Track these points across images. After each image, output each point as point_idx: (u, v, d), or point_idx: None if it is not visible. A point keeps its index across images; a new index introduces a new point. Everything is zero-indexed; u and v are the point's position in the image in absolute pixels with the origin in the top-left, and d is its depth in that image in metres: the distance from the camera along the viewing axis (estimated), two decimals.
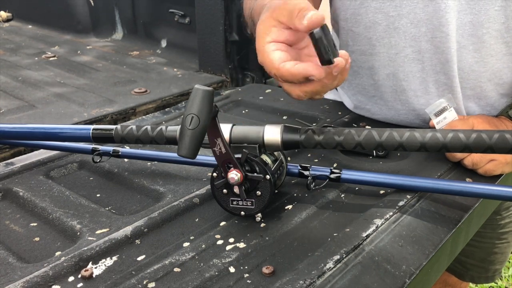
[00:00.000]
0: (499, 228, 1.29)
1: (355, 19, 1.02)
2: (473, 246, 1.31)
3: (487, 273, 1.38)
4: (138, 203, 0.86)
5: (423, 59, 0.98)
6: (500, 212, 1.26)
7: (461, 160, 0.89)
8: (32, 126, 0.94)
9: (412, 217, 0.76)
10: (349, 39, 1.06)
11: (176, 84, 1.48)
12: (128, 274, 0.66)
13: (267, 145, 0.78)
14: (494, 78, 0.98)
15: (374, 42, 1.02)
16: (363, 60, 1.06)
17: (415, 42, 0.97)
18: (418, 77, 1.00)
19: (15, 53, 1.85)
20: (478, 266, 1.38)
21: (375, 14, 0.99)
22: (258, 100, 1.28)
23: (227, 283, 0.63)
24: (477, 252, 1.34)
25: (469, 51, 0.95)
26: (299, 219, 0.77)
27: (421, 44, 0.97)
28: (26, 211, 0.84)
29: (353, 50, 1.06)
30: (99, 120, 1.24)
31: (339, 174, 0.82)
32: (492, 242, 1.32)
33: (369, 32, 1.01)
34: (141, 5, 1.90)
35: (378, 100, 1.09)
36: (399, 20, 0.97)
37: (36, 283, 0.65)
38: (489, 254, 1.34)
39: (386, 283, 0.64)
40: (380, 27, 0.99)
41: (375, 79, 1.06)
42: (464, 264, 1.38)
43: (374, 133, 0.75)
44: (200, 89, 0.66)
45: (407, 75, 1.01)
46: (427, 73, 0.99)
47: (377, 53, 1.02)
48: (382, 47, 1.01)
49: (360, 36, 1.03)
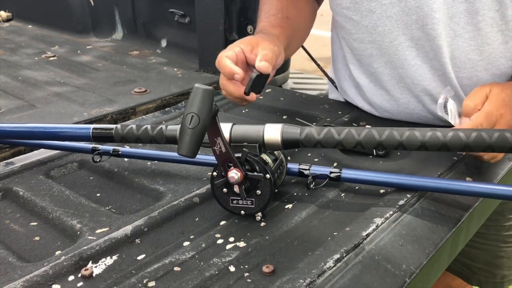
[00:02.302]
0: (503, 230, 1.28)
1: (354, 7, 1.04)
2: (477, 248, 1.30)
3: (495, 278, 1.37)
4: (138, 202, 0.85)
5: (416, 47, 1.00)
6: (504, 213, 1.25)
7: None
8: (32, 125, 0.94)
9: (412, 216, 0.76)
10: (351, 27, 1.08)
11: (176, 84, 1.48)
12: (128, 273, 0.66)
13: (267, 144, 0.78)
14: (491, 67, 0.98)
15: (370, 30, 1.04)
16: (363, 48, 1.08)
17: (408, 30, 0.99)
18: (413, 65, 1.01)
19: (15, 53, 1.85)
20: (484, 270, 1.36)
21: (370, 2, 1.01)
22: (258, 100, 1.28)
23: (227, 282, 0.63)
24: (482, 254, 1.33)
25: (465, 40, 0.96)
26: (299, 218, 0.77)
27: (413, 31, 0.99)
28: (26, 210, 0.84)
29: (355, 38, 1.08)
30: (99, 119, 1.24)
31: (339, 173, 0.82)
32: (497, 244, 1.31)
33: (365, 20, 1.03)
34: (141, 5, 1.90)
35: (379, 90, 1.10)
36: (391, 8, 0.99)
37: (36, 282, 0.65)
38: (494, 257, 1.33)
39: (386, 282, 0.64)
40: (375, 15, 1.02)
41: (374, 67, 1.08)
42: (470, 267, 1.37)
43: (374, 132, 0.75)
44: (200, 88, 0.66)
45: (402, 62, 1.02)
46: (422, 59, 1.01)
47: (374, 41, 1.05)
48: (378, 35, 1.03)
49: (359, 24, 1.05)
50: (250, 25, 1.47)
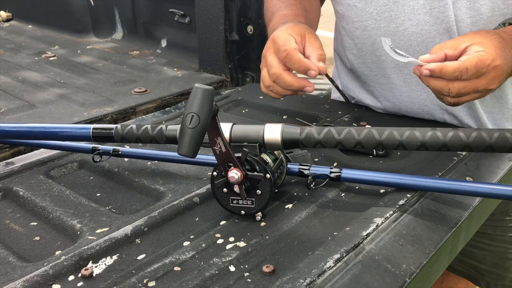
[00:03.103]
0: (510, 231, 1.27)
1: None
2: (484, 249, 1.29)
3: (503, 281, 1.34)
4: (138, 202, 0.85)
5: (421, 32, 1.00)
6: (509, 212, 1.24)
7: None
8: (32, 125, 0.94)
9: (412, 216, 0.76)
10: (353, 15, 1.08)
11: (176, 83, 1.48)
12: (128, 273, 0.66)
13: (267, 144, 0.78)
14: None
15: (375, 17, 1.04)
16: (366, 36, 1.08)
17: (414, 15, 1.00)
18: (418, 51, 1.01)
19: (15, 53, 1.85)
20: (492, 272, 1.34)
21: None
22: (258, 100, 1.28)
23: (227, 282, 0.63)
24: (489, 256, 1.32)
25: (467, 25, 0.96)
26: (299, 218, 0.77)
27: (419, 16, 0.99)
28: (26, 210, 0.84)
29: (357, 27, 1.09)
30: (99, 119, 1.24)
31: (339, 173, 0.82)
32: (504, 246, 1.29)
33: (370, 6, 1.04)
34: (141, 5, 1.90)
35: (381, 79, 1.10)
36: None
37: (36, 282, 0.65)
38: (502, 259, 1.31)
39: (386, 282, 0.64)
40: (381, 1, 1.02)
41: (377, 54, 1.08)
42: (477, 269, 1.35)
43: (374, 132, 0.75)
44: (200, 88, 0.66)
45: (407, 48, 1.02)
46: (426, 46, 1.00)
47: (378, 27, 1.05)
48: (383, 21, 1.04)
49: (362, 12, 1.06)
50: (250, 25, 1.47)
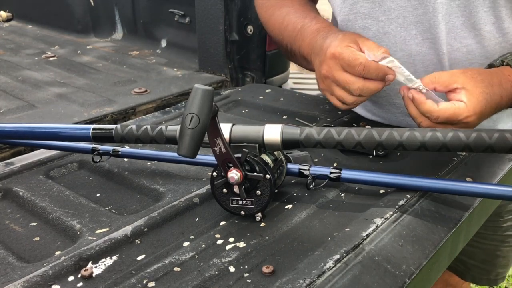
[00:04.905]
0: (501, 230, 1.28)
1: (346, 25, 1.04)
2: (473, 246, 1.30)
3: (489, 275, 1.38)
4: (138, 202, 0.85)
5: (414, 62, 1.00)
6: (502, 214, 1.25)
7: None
8: (32, 125, 0.94)
9: (412, 216, 0.76)
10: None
11: (176, 84, 1.48)
12: (128, 274, 0.66)
13: (267, 145, 0.78)
14: None
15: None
16: None
17: (405, 45, 0.99)
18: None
19: (15, 53, 1.85)
20: (479, 267, 1.37)
21: (364, 19, 1.01)
22: (258, 100, 1.28)
23: (227, 283, 0.63)
24: (478, 252, 1.34)
25: (462, 54, 0.96)
26: (299, 219, 0.77)
27: (411, 47, 0.99)
28: (26, 210, 0.84)
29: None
30: (99, 120, 1.24)
31: (339, 174, 0.82)
32: (494, 244, 1.31)
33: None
34: (141, 5, 1.90)
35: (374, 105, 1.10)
36: (389, 24, 0.99)
37: (36, 282, 0.65)
38: (490, 256, 1.34)
39: (386, 283, 0.64)
40: (371, 31, 1.01)
41: None
42: (465, 263, 1.38)
43: (374, 132, 0.75)
44: (200, 88, 0.66)
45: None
46: (419, 75, 0.99)
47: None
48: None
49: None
50: (250, 25, 1.47)
